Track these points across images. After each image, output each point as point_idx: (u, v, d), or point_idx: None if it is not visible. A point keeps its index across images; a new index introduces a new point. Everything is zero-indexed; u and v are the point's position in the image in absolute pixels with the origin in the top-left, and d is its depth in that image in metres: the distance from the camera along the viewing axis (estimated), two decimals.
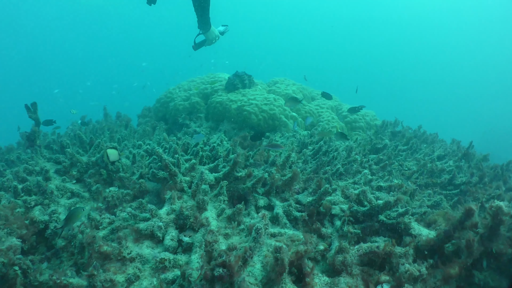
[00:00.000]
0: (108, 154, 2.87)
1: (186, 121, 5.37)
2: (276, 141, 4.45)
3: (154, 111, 6.22)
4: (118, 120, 5.50)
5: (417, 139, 4.82)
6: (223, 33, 4.14)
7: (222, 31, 4.12)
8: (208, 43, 4.03)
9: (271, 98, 5.04)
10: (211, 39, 4.00)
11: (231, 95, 5.23)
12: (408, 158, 4.31)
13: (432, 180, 3.69)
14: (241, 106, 4.93)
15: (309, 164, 3.49)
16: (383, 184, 3.28)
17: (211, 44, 4.07)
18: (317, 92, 6.37)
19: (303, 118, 5.29)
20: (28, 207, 2.64)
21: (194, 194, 2.56)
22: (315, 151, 3.80)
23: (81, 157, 3.33)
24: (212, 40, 4.02)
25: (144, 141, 4.60)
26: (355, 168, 3.57)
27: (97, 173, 3.17)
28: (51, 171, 3.25)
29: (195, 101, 5.61)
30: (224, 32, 4.15)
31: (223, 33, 4.15)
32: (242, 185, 2.84)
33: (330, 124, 5.20)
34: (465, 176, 3.97)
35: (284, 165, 3.28)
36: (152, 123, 5.57)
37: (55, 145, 4.35)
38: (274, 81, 6.21)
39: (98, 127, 5.13)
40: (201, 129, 5.04)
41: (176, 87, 6.40)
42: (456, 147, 4.74)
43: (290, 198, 2.83)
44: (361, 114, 5.66)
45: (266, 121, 4.83)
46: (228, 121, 5.02)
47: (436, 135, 5.28)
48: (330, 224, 2.66)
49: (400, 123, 5.47)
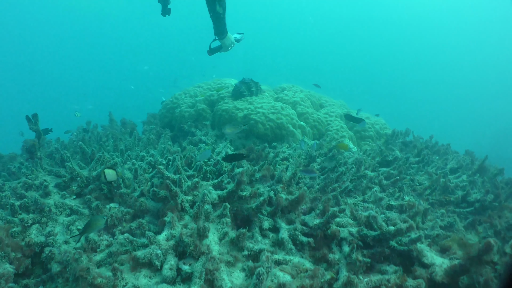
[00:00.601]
0: (105, 174, 2.78)
1: (191, 128, 5.27)
2: (283, 152, 4.33)
3: (160, 116, 6.14)
4: (123, 127, 5.42)
5: (428, 150, 4.67)
6: (238, 40, 4.07)
7: (238, 39, 4.05)
8: (223, 49, 3.96)
9: (279, 107, 4.92)
10: (227, 46, 3.93)
11: (238, 102, 5.12)
12: (420, 172, 4.16)
13: (445, 197, 3.54)
14: (247, 115, 4.82)
15: (317, 180, 3.36)
16: (393, 202, 3.14)
17: (226, 51, 4.00)
18: (326, 99, 6.23)
19: (312, 127, 5.16)
20: (25, 226, 2.56)
21: (196, 216, 2.45)
22: (323, 166, 3.68)
23: (81, 171, 3.24)
24: (228, 47, 3.95)
25: (148, 150, 4.51)
26: (364, 184, 3.44)
27: (97, 188, 3.08)
28: (51, 185, 3.17)
29: (201, 108, 5.51)
30: (240, 40, 4.08)
31: (239, 41, 4.08)
32: (247, 205, 2.72)
33: (339, 134, 5.06)
34: (479, 192, 3.82)
35: (290, 182, 3.16)
36: (157, 130, 5.48)
37: (57, 155, 4.29)
38: (281, 87, 6.08)
39: (102, 135, 5.05)
40: (207, 138, 4.93)
41: (182, 93, 6.30)
42: (470, 159, 4.57)
43: (297, 219, 2.70)
44: (370, 123, 5.52)
45: (273, 130, 4.71)
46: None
47: (449, 146, 5.11)
48: (337, 248, 2.54)
49: (411, 133, 5.31)
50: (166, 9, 4.05)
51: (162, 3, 3.99)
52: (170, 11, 4.10)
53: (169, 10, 4.08)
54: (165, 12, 4.06)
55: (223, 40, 3.83)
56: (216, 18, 3.61)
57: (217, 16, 3.57)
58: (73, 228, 2.70)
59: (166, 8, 4.04)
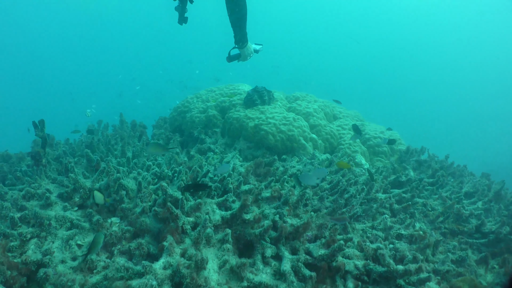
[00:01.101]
0: (94, 197, 2.74)
1: (201, 135, 5.20)
2: (293, 167, 4.22)
3: (170, 120, 6.08)
4: (132, 131, 5.37)
5: (444, 171, 4.50)
6: (257, 51, 3.96)
7: (257, 50, 3.95)
8: (242, 58, 3.85)
9: (291, 118, 4.81)
10: (246, 55, 3.81)
11: (249, 111, 5.02)
12: (434, 195, 4.01)
13: (458, 227, 3.39)
14: (258, 125, 4.72)
15: (325, 202, 3.25)
16: (403, 232, 3.02)
17: (245, 60, 3.89)
18: (340, 110, 6.09)
19: (324, 140, 5.03)
20: (23, 240, 2.52)
21: (197, 242, 2.37)
22: (333, 185, 3.56)
23: (85, 181, 3.19)
24: (247, 56, 3.84)
25: (156, 158, 4.45)
26: (374, 209, 3.31)
27: None
28: (54, 194, 3.13)
29: (212, 114, 5.43)
30: (259, 51, 3.97)
31: (258, 52, 3.96)
32: (250, 230, 2.63)
33: (352, 149, 4.93)
34: (494, 220, 3.66)
35: (298, 204, 3.06)
36: (166, 134, 5.42)
37: (64, 160, 4.26)
38: (295, 96, 5.95)
39: (111, 137, 5.01)
40: (216, 146, 4.85)
41: (194, 96, 6.24)
42: (486, 184, 4.39)
43: (301, 247, 2.60)
44: (384, 137, 5.36)
45: (283, 142, 4.60)
46: (244, 139, 4.82)
47: (465, 167, 4.93)
48: (341, 281, 2.44)
49: (427, 151, 5.14)
50: (183, 17, 3.97)
51: (180, 11, 3.91)
52: (187, 20, 4.02)
53: (186, 19, 4.01)
54: (181, 21, 3.99)
55: (242, 49, 3.74)
56: (236, 26, 3.51)
57: (237, 24, 3.48)
58: (72, 243, 2.65)
59: (183, 16, 3.96)
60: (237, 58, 3.84)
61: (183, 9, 3.90)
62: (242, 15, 3.44)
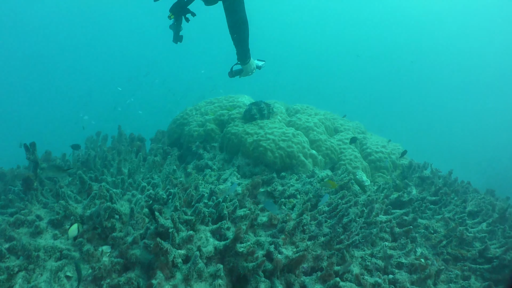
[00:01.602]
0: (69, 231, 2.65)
1: (199, 150, 5.11)
2: (292, 186, 4.12)
3: (169, 132, 6.00)
4: (130, 145, 5.29)
5: (447, 188, 4.39)
6: (260, 67, 3.92)
7: (260, 66, 3.91)
8: (244, 74, 3.81)
9: (290, 134, 4.71)
10: (248, 71, 3.78)
11: (248, 126, 4.93)
12: (436, 216, 3.89)
13: (461, 253, 3.28)
14: (257, 141, 4.63)
15: (324, 228, 3.15)
16: (404, 260, 2.91)
17: (247, 75, 3.86)
18: (341, 122, 5.98)
19: (324, 155, 4.93)
20: (11, 274, 2.45)
21: (187, 278, 2.29)
22: (332, 208, 3.46)
23: (77, 205, 3.12)
24: (249, 72, 3.80)
25: (153, 176, 4.37)
26: (374, 234, 3.20)
27: (91, 228, 2.95)
28: (45, 220, 3.06)
29: (210, 128, 5.34)
30: (261, 67, 3.94)
31: (260, 68, 3.93)
32: (243, 263, 2.54)
33: (353, 164, 4.83)
34: (499, 243, 3.55)
35: (294, 230, 2.96)
36: (164, 149, 5.34)
37: (57, 182, 4.19)
38: (295, 109, 5.85)
39: (108, 153, 4.94)
40: (214, 162, 4.77)
41: (193, 108, 6.16)
42: (491, 203, 4.27)
43: (296, 281, 2.51)
44: (386, 152, 5.25)
45: (282, 159, 4.51)
46: (243, 155, 4.72)
47: (469, 184, 4.81)
48: None
49: (429, 166, 5.02)
50: (178, 36, 3.90)
51: (174, 30, 3.84)
52: (182, 38, 3.95)
53: (181, 37, 3.93)
54: (176, 39, 3.92)
55: (245, 66, 3.70)
56: (238, 44, 3.48)
57: (239, 42, 3.45)
58: (61, 275, 2.57)
59: (178, 35, 3.89)
60: (239, 73, 3.80)
61: (178, 27, 3.82)
62: (244, 33, 3.39)
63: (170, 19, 3.65)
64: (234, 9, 3.29)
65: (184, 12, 3.67)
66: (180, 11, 3.64)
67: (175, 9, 3.60)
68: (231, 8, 3.26)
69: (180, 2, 3.58)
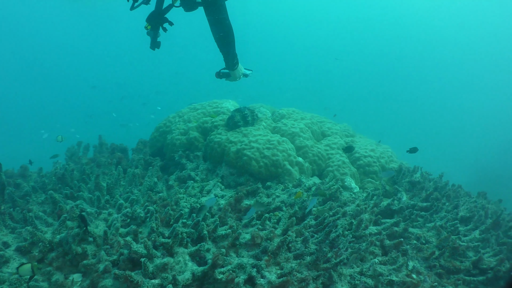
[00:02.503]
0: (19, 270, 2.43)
1: (182, 159, 4.92)
2: (277, 196, 3.95)
3: (152, 141, 5.80)
4: (110, 157, 5.08)
5: (438, 193, 4.26)
6: (247, 75, 3.84)
7: (247, 74, 3.84)
8: (231, 79, 3.73)
9: (275, 141, 4.53)
10: (236, 77, 3.69)
11: (231, 134, 4.75)
12: (428, 224, 3.75)
13: (455, 265, 3.14)
14: (240, 150, 4.45)
15: (310, 245, 2.98)
16: (395, 278, 2.76)
17: (233, 81, 3.77)
18: (329, 126, 5.82)
19: (311, 162, 4.77)
20: None
21: None
22: (319, 222, 3.29)
23: (46, 232, 2.92)
24: (236, 78, 3.71)
25: (132, 190, 4.17)
26: (363, 250, 3.04)
27: (60, 255, 2.74)
28: (12, 247, 2.85)
29: (193, 137, 5.15)
30: (248, 76, 3.87)
31: (247, 76, 3.85)
32: None
33: (341, 171, 4.67)
34: (493, 251, 3.43)
35: (279, 249, 2.79)
36: (146, 159, 5.13)
37: (33, 196, 3.97)
38: (280, 114, 5.66)
39: (86, 167, 4.72)
40: (197, 173, 4.58)
41: (176, 115, 5.96)
42: (483, 208, 4.14)
43: None
44: (375, 156, 5.10)
45: (267, 168, 4.34)
46: (227, 165, 4.54)
47: (460, 187, 4.68)
48: None
49: (419, 170, 4.89)
50: (156, 42, 3.72)
51: (151, 36, 3.66)
52: (159, 44, 3.78)
53: (158, 43, 3.77)
54: (154, 46, 3.75)
55: (233, 72, 3.61)
56: (224, 50, 3.37)
57: (225, 48, 3.34)
58: None
59: (155, 41, 3.71)
60: (226, 77, 3.73)
61: (155, 34, 3.65)
62: (228, 38, 3.29)
63: (147, 29, 3.48)
64: (215, 14, 3.14)
65: (161, 22, 3.50)
66: (157, 21, 3.46)
67: (151, 19, 3.42)
68: (212, 13, 3.12)
69: (157, 11, 3.40)
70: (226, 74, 3.71)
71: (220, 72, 3.71)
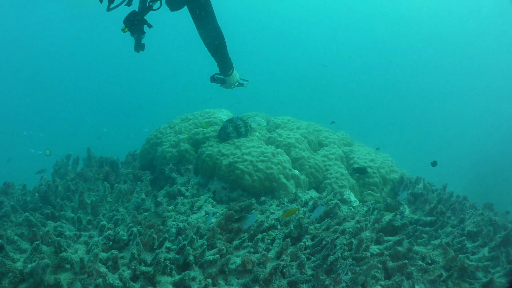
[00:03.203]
0: None
1: (173, 173, 4.68)
2: (271, 213, 3.71)
3: (142, 153, 5.55)
4: (96, 173, 4.83)
5: (442, 206, 4.01)
6: (242, 85, 3.77)
7: (242, 84, 3.77)
8: (226, 86, 3.65)
9: (269, 153, 4.29)
10: (231, 83, 3.62)
11: (223, 146, 4.51)
12: (433, 240, 3.51)
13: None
14: (233, 163, 4.21)
15: (306, 270, 2.73)
16: None
17: (228, 88, 3.70)
18: (326, 135, 5.57)
19: (308, 174, 4.52)
20: None
21: None
22: (316, 242, 3.04)
23: (17, 260, 2.66)
24: (231, 85, 3.64)
25: (118, 209, 3.93)
26: (365, 273, 2.79)
27: (31, 286, 2.49)
28: None
29: (184, 149, 4.91)
30: (243, 86, 3.79)
31: (242, 85, 3.78)
32: None
33: (339, 183, 4.43)
34: (503, 271, 3.19)
35: (271, 277, 2.55)
36: (135, 173, 4.89)
37: (12, 216, 3.74)
38: (275, 124, 5.41)
39: (71, 183, 4.48)
40: (187, 188, 4.34)
41: (168, 126, 5.72)
42: (491, 222, 3.90)
43: None
44: (375, 167, 4.86)
45: (261, 182, 4.10)
46: (219, 178, 4.30)
47: (465, 199, 4.44)
48: None
49: (422, 180, 4.64)
50: (140, 44, 3.50)
51: (135, 38, 3.43)
52: (144, 47, 3.55)
53: (143, 46, 3.54)
54: (138, 48, 3.52)
55: (228, 78, 3.53)
56: (215, 55, 3.33)
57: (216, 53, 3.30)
58: None
59: (139, 43, 3.49)
60: (220, 82, 3.64)
61: (139, 36, 3.42)
62: (219, 42, 3.21)
63: (124, 32, 3.25)
64: (201, 13, 3.02)
65: (139, 24, 3.27)
66: (134, 23, 3.23)
67: (128, 21, 3.19)
68: (197, 12, 3.00)
69: (134, 13, 3.18)
70: (221, 79, 3.61)
71: (214, 76, 3.60)
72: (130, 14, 3.16)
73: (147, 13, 3.24)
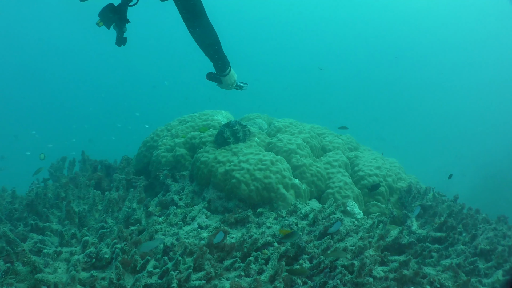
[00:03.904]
0: None
1: (167, 180, 4.45)
2: (268, 227, 3.47)
3: (138, 157, 5.32)
4: (88, 179, 4.62)
5: (453, 220, 3.74)
6: (240, 88, 3.62)
7: (241, 86, 3.62)
8: (223, 86, 3.50)
9: (268, 161, 4.03)
10: (228, 84, 3.46)
11: (220, 153, 4.26)
12: (443, 260, 3.23)
13: None
14: (229, 171, 3.97)
15: None
16: None
17: (225, 89, 3.55)
18: (330, 139, 5.29)
19: (309, 183, 4.26)
20: None
21: None
22: (315, 265, 2.79)
23: None
24: (228, 86, 3.49)
25: (106, 220, 3.71)
26: None
27: None
28: None
29: (180, 154, 4.67)
30: (241, 88, 3.64)
31: (241, 88, 3.63)
32: None
33: (342, 193, 4.16)
34: None
35: None
36: (128, 179, 4.68)
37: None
38: (276, 128, 5.11)
39: (60, 189, 4.28)
40: (181, 196, 4.10)
41: (165, 128, 5.49)
42: (504, 237, 3.62)
43: None
44: (381, 175, 4.57)
45: (259, 192, 3.84)
46: (214, 187, 4.07)
47: (478, 212, 4.14)
48: None
49: (431, 190, 4.35)
50: (122, 38, 3.27)
51: (117, 31, 3.20)
52: (126, 40, 3.32)
53: (125, 40, 3.32)
54: (120, 42, 3.29)
55: (225, 78, 3.39)
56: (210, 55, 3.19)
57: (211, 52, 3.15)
58: None
59: (121, 37, 3.26)
60: (217, 82, 3.47)
61: (121, 28, 3.19)
62: (213, 41, 3.06)
63: (99, 26, 3.00)
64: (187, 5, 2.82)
65: (115, 17, 3.03)
66: (110, 16, 2.99)
67: (104, 14, 2.96)
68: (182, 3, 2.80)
69: (111, 6, 2.95)
70: (217, 78, 3.45)
71: (211, 73, 3.45)
72: (105, 8, 2.94)
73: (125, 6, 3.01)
